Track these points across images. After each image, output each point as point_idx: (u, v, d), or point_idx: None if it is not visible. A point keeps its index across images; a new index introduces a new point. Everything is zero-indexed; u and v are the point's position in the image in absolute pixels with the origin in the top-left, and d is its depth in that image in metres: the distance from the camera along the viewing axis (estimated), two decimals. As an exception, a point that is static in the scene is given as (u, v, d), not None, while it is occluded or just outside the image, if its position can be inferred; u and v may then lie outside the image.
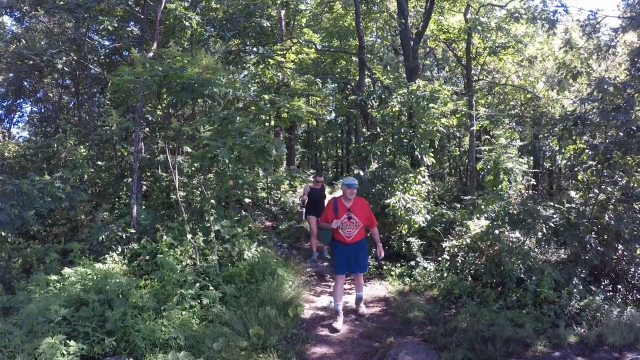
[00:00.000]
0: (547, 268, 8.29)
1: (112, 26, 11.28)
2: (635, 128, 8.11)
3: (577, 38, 14.68)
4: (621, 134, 8.61)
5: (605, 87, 8.77)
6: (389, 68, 18.14)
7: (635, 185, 9.31)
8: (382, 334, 6.94)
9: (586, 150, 9.31)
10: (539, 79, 19.55)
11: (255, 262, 8.40)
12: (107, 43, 14.42)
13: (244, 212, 11.22)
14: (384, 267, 9.94)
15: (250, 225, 9.95)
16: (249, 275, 8.15)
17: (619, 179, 9.26)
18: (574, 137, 9.39)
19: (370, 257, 9.66)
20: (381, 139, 12.77)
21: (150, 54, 9.57)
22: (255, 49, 18.12)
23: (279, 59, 17.82)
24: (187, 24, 11.75)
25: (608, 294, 8.30)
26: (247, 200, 12.72)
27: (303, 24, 20.71)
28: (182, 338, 5.95)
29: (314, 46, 19.84)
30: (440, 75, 23.54)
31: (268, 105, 11.19)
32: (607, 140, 8.90)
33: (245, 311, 6.92)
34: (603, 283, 8.68)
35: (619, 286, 8.71)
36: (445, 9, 19.57)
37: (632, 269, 8.95)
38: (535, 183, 15.97)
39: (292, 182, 16.53)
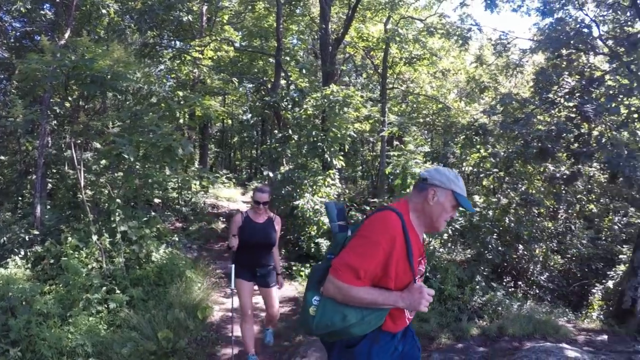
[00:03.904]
0: (451, 267, 8.79)
1: (24, 8, 10.69)
2: (529, 139, 8.73)
3: (490, 55, 15.49)
4: (518, 144, 9.28)
5: (508, 101, 9.43)
6: (304, 71, 18.34)
7: (534, 191, 10.08)
8: (292, 333, 7.09)
9: (489, 158, 9.93)
10: (451, 90, 20.45)
11: (164, 264, 8.27)
12: (17, 25, 13.59)
13: (153, 213, 10.95)
14: (294, 268, 10.12)
15: (158, 226, 9.76)
16: (157, 278, 8.02)
17: (520, 185, 9.99)
18: (477, 146, 10.00)
19: None
20: (293, 141, 12.94)
21: (63, 42, 9.20)
22: (172, 43, 17.78)
23: (196, 55, 17.56)
24: (104, 11, 11.38)
25: (510, 289, 8.98)
26: (156, 200, 12.46)
27: (225, 21, 20.51)
28: (89, 345, 5.78)
29: (232, 44, 19.71)
30: (358, 82, 24.09)
31: (182, 103, 11.03)
32: (509, 150, 9.56)
33: (154, 314, 6.81)
34: (505, 280, 9.42)
35: (520, 282, 9.56)
36: (367, 18, 20.00)
37: (532, 267, 9.89)
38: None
39: (202, 183, 16.30)
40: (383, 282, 2.61)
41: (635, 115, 8.61)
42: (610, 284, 10.37)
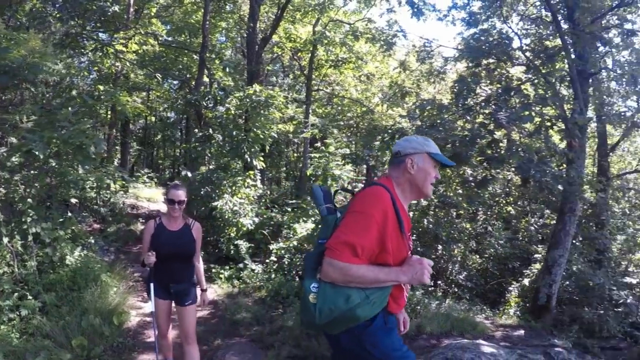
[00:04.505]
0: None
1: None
2: (444, 144, 9.07)
3: (415, 61, 15.87)
4: None
5: (426, 107, 9.77)
6: (228, 70, 18.11)
7: (452, 194, 10.44)
8: (210, 337, 7.06)
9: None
10: (376, 94, 20.82)
11: (78, 268, 7.95)
12: None
13: (69, 214, 10.49)
14: (213, 270, 10.05)
15: (74, 227, 9.39)
16: (72, 282, 7.68)
17: (440, 188, 10.33)
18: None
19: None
20: (215, 140, 12.78)
21: (-22, 28, 8.70)
22: (95, 34, 17.16)
23: (119, 48, 16.97)
24: (26, -4, 10.85)
25: (429, 288, 9.29)
26: (73, 200, 11.94)
27: (153, 13, 19.92)
28: (0, 355, 5.49)
29: (157, 38, 19.24)
30: (285, 82, 24.13)
31: (102, 97, 10.64)
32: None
33: (68, 321, 6.55)
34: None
35: (439, 282, 9.89)
36: (297, 19, 20.04)
37: (451, 267, 10.28)
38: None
39: (119, 183, 15.73)
40: (381, 258, 2.59)
41: (548, 124, 9.06)
42: (526, 281, 10.92)
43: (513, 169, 10.78)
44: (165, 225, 4.80)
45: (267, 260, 10.04)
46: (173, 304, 4.95)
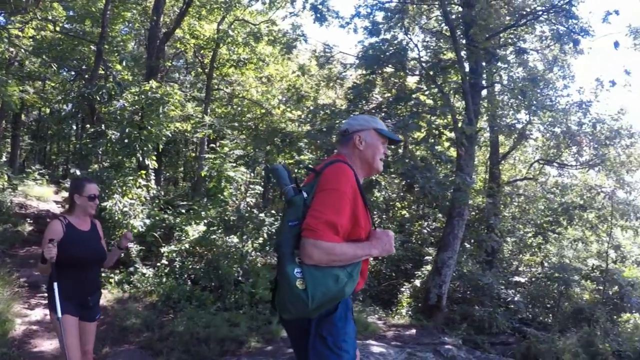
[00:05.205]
0: (263, 270, 8.99)
1: None
2: (330, 148, 9.33)
3: (315, 66, 16.06)
4: (320, 153, 9.84)
5: (317, 112, 9.97)
6: (125, 63, 17.46)
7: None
8: (98, 345, 6.74)
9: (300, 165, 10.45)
10: (276, 96, 20.90)
11: (-42, 274, 7.46)
12: None
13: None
14: (103, 275, 9.68)
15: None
16: (-50, 290, 7.19)
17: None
18: (285, 152, 10.41)
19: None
20: (108, 137, 12.30)
21: None
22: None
23: (14, 32, 15.95)
24: None
25: None
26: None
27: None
28: None
29: (55, 25, 18.29)
30: (187, 79, 23.71)
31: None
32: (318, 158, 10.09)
33: (-54, 333, 6.13)
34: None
35: None
36: (202, 16, 19.71)
37: None
38: (263, 192, 17.00)
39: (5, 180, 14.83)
40: (355, 234, 2.58)
41: (437, 132, 9.46)
42: (417, 282, 11.30)
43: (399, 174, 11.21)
44: (76, 226, 4.00)
45: (159, 264, 9.81)
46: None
